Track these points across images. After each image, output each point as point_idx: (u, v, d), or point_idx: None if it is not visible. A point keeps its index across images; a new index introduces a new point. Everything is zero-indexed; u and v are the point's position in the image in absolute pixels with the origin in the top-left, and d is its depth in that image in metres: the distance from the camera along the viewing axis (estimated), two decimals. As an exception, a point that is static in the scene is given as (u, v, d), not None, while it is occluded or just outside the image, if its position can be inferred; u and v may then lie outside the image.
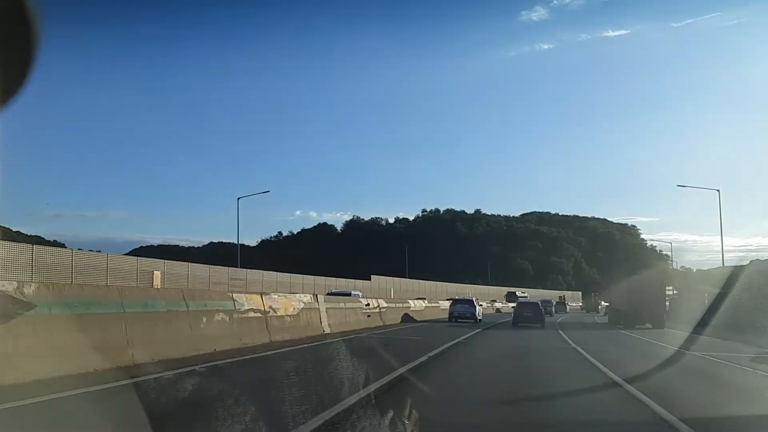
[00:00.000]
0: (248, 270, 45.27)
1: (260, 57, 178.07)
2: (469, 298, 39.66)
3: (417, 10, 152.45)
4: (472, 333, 23.80)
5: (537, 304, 34.51)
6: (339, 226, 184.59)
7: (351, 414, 5.88)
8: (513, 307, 38.48)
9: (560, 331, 27.63)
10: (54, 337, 8.36)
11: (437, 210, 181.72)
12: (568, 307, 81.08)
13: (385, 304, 29.40)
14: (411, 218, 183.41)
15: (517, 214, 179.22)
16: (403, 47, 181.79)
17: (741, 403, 9.25)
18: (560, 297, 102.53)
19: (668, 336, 24.48)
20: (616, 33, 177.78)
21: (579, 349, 17.77)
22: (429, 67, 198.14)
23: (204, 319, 12.37)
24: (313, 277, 53.85)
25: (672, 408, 7.51)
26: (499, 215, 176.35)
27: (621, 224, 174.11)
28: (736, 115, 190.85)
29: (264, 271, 46.85)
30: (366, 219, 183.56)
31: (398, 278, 69.84)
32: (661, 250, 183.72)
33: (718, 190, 38.56)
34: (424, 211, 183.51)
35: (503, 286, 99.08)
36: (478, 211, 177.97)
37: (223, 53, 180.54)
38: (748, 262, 28.93)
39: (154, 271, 33.66)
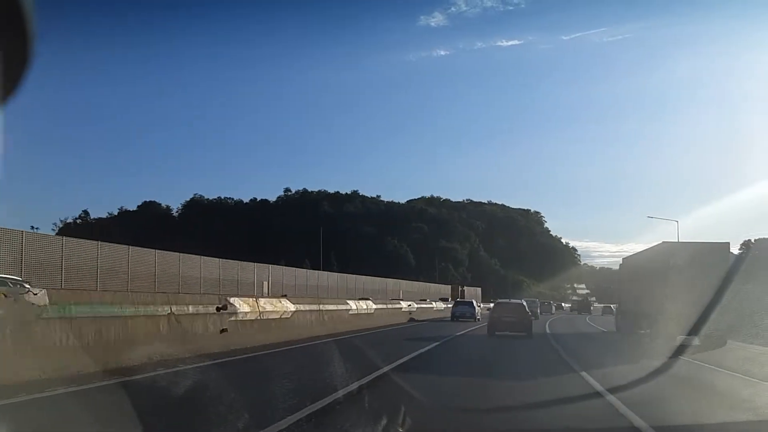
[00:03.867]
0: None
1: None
2: (469, 300, 44.74)
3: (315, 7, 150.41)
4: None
5: (521, 305, 27.11)
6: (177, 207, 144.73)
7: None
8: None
9: (584, 374, 12.22)
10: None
11: (305, 190, 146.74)
12: (553, 307, 71.80)
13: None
14: (273, 199, 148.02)
15: (402, 201, 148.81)
16: (297, 41, 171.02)
17: None
18: (455, 290, 78.42)
19: None
20: (509, 43, 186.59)
21: None
22: (327, 65, 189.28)
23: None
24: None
25: None
26: (379, 197, 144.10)
27: (523, 210, 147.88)
28: (617, 125, 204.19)
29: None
30: (211, 198, 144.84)
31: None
32: (567, 242, 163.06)
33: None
34: (287, 191, 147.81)
35: (379, 275, 65.35)
36: (355, 192, 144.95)
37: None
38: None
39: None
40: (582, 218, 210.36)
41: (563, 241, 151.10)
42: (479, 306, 43.21)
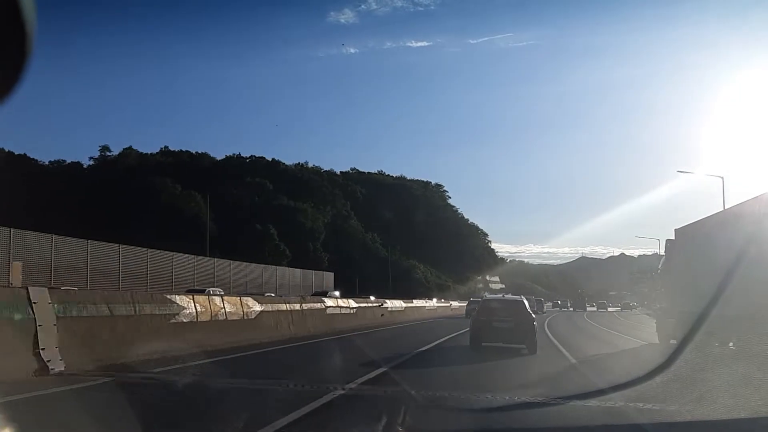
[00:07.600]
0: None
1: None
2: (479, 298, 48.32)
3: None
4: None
5: (520, 303, 19.97)
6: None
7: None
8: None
9: None
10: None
11: (131, 148, 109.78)
12: (545, 306, 66.77)
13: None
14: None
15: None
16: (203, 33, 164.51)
17: None
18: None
19: None
20: (419, 44, 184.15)
21: None
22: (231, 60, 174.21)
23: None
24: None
25: None
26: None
27: (422, 181, 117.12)
28: (514, 130, 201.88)
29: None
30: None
31: None
32: (474, 223, 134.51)
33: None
34: (105, 149, 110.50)
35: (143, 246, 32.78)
36: (203, 153, 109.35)
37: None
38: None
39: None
40: (481, 218, 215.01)
41: (470, 222, 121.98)
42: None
